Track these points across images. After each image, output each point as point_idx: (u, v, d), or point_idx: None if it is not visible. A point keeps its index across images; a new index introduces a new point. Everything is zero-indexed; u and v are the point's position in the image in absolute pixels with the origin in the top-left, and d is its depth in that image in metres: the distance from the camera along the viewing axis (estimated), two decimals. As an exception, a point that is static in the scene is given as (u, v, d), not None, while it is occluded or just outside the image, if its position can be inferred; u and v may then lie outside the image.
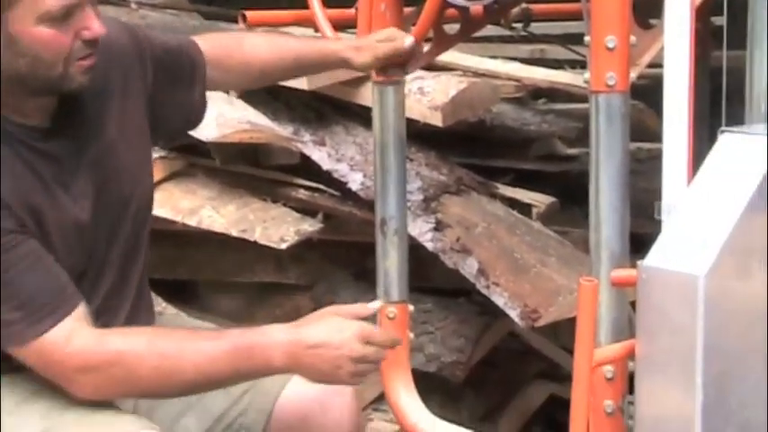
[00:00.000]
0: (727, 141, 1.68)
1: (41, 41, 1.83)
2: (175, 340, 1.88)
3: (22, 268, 1.82)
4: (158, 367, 1.85)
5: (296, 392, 2.11)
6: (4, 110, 1.88)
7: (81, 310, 1.86)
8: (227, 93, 3.29)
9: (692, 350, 1.59)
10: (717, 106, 2.13)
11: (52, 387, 1.88)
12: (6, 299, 1.82)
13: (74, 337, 1.83)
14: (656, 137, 2.33)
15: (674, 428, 1.63)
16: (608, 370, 1.97)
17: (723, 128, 1.71)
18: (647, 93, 2.93)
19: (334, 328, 1.88)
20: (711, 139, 1.74)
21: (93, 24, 1.88)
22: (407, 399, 2.44)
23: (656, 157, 2.25)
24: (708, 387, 1.59)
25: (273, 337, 1.88)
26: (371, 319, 2.46)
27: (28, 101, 1.90)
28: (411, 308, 2.45)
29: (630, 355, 1.72)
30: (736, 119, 2.04)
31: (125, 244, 2.06)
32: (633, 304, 1.75)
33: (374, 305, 1.95)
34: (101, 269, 2.02)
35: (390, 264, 2.42)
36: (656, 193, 2.22)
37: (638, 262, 1.66)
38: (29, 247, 1.85)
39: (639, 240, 1.88)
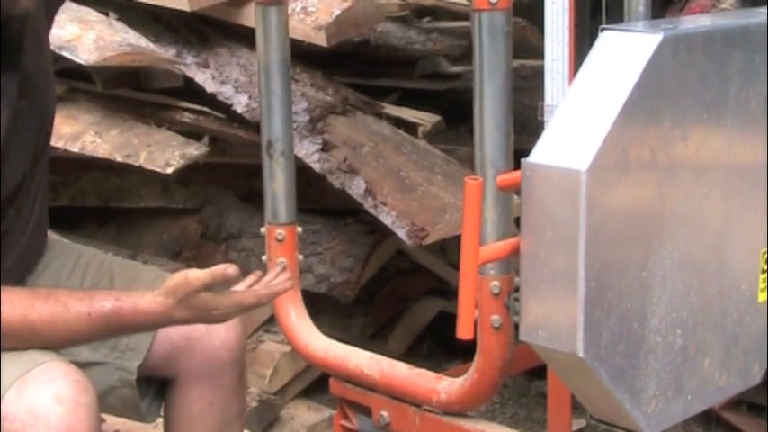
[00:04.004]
0: (608, 39, 1.70)
1: None
2: (66, 302, 1.91)
3: None
4: (52, 330, 1.90)
5: None
6: None
7: None
8: (106, 15, 3.23)
9: (574, 244, 1.61)
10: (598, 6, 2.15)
11: None
12: None
13: None
14: (540, 54, 2.35)
15: (558, 321, 1.66)
16: (495, 285, 2.00)
17: (603, 26, 1.73)
18: (530, 10, 2.94)
19: (196, 307, 1.93)
20: (592, 41, 1.75)
21: None
22: (298, 320, 2.45)
23: (540, 74, 2.27)
24: (589, 280, 1.62)
25: (140, 319, 1.94)
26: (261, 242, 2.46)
27: None
28: (299, 229, 2.45)
29: (515, 251, 1.75)
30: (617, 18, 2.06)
31: (35, 157, 2.06)
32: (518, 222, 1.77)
33: (231, 270, 1.93)
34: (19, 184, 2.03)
35: (278, 186, 2.41)
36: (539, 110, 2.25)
37: (522, 159, 1.68)
38: None
39: (524, 157, 1.90)
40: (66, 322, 1.90)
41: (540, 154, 1.66)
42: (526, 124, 2.44)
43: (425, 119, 3.43)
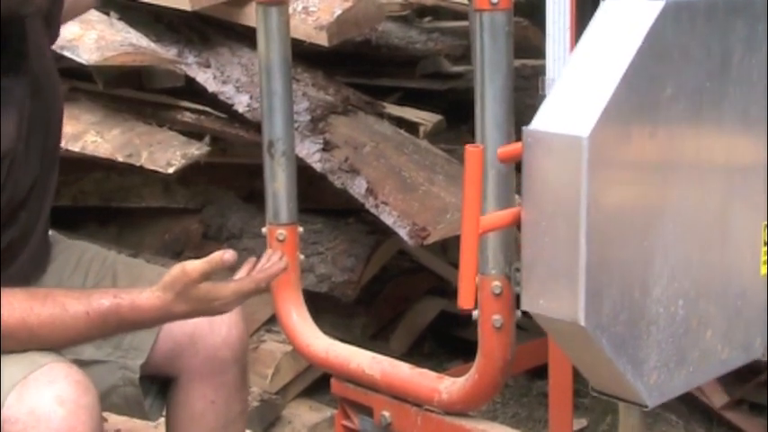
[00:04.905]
0: (610, 5, 1.68)
1: None
2: (65, 302, 1.90)
3: None
4: (49, 333, 1.89)
5: None
6: None
7: None
8: (108, 14, 3.23)
9: (575, 212, 1.60)
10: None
11: None
12: None
13: None
14: (541, 53, 2.35)
15: (559, 289, 1.64)
16: (496, 286, 2.00)
17: None
18: (532, 9, 2.94)
19: (197, 298, 1.92)
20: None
21: None
22: (299, 320, 2.45)
23: (541, 74, 2.27)
24: (591, 248, 1.60)
25: (140, 315, 1.93)
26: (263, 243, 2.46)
27: None
28: (300, 229, 2.45)
29: (516, 220, 1.73)
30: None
31: (44, 160, 2.06)
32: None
33: (228, 256, 1.92)
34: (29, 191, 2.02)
35: (279, 186, 2.41)
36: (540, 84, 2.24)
37: (524, 127, 1.66)
38: None
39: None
40: (65, 323, 1.90)
41: (542, 121, 1.65)
42: (527, 124, 2.43)
43: (427, 118, 3.43)
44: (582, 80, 1.64)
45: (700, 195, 1.78)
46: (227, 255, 1.89)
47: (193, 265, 1.90)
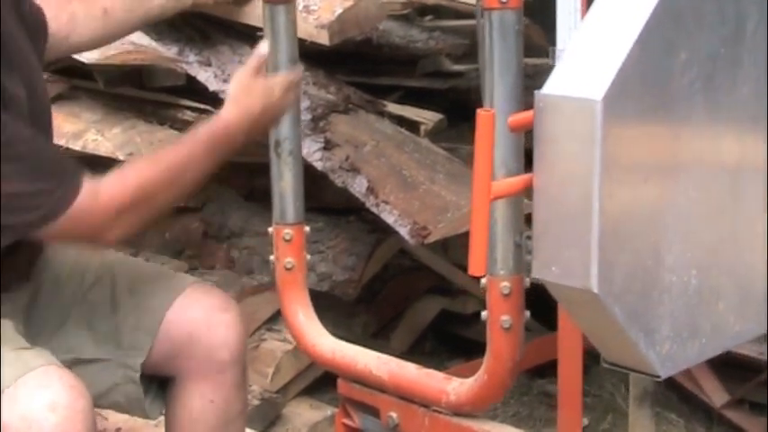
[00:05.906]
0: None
1: None
2: (167, 155, 2.06)
3: (28, 138, 1.86)
4: (169, 183, 2.00)
5: (182, 311, 2.14)
6: None
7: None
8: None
9: (588, 177, 1.58)
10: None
11: None
12: (30, 171, 1.84)
13: (98, 190, 1.91)
14: (544, 52, 2.34)
15: (571, 256, 1.63)
16: (505, 286, 2.00)
17: None
18: (533, 9, 2.94)
19: (261, 92, 2.13)
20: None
21: None
22: (305, 319, 2.45)
23: (544, 72, 2.26)
24: (604, 214, 1.59)
25: (232, 129, 2.08)
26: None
27: None
28: (307, 229, 2.45)
29: (528, 186, 1.71)
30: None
31: None
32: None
33: (263, 49, 2.22)
34: None
35: (285, 185, 2.41)
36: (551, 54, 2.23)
37: (536, 91, 1.65)
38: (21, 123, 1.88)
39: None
40: (184, 164, 2.02)
41: (554, 84, 1.64)
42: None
43: (427, 117, 3.42)
44: (595, 44, 1.62)
45: (713, 163, 1.76)
46: (261, 48, 2.20)
47: (244, 68, 2.13)
